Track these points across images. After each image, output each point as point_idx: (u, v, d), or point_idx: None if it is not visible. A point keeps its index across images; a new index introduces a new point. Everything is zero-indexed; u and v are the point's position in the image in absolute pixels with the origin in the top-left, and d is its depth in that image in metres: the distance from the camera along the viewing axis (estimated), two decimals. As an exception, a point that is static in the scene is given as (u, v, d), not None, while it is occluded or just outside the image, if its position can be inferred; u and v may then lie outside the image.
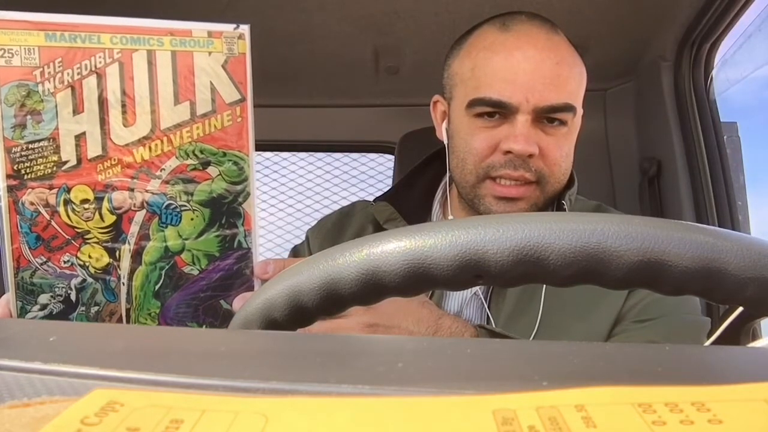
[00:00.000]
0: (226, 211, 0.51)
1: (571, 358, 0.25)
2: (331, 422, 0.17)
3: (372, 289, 0.35)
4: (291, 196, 1.93)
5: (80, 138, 0.49)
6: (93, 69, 0.48)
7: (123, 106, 0.49)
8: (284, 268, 0.47)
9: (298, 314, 0.37)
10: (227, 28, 0.50)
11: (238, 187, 0.51)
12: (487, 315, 0.79)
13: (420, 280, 0.35)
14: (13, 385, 0.21)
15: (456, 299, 0.82)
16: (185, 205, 0.51)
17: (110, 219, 0.50)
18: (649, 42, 1.33)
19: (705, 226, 0.34)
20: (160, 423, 0.16)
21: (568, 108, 0.76)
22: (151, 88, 0.49)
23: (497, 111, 0.76)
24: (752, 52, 1.29)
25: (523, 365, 0.24)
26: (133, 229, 0.50)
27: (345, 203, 1.01)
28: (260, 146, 1.81)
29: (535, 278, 0.34)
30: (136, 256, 0.51)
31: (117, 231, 0.50)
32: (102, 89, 0.49)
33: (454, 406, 0.17)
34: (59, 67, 0.48)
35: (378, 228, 0.87)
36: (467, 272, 0.34)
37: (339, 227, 0.93)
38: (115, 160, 0.49)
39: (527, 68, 0.74)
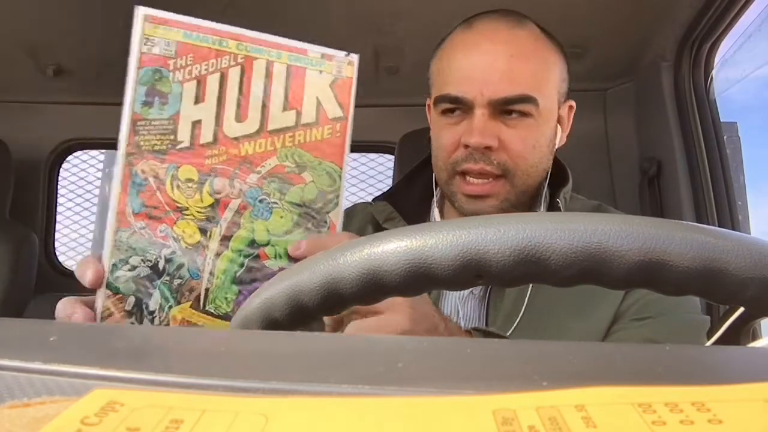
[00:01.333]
0: (314, 216, 0.56)
1: (571, 358, 0.25)
2: (331, 422, 0.17)
3: (373, 288, 0.35)
4: (291, 196, 1.92)
5: (196, 124, 0.54)
6: (218, 68, 0.54)
7: (238, 103, 0.54)
8: (317, 246, 0.49)
9: (298, 314, 0.37)
10: (339, 54, 0.57)
11: (329, 196, 0.56)
12: (486, 313, 0.79)
13: (421, 280, 0.35)
14: (13, 385, 0.21)
15: (453, 297, 0.82)
16: (277, 203, 0.55)
17: (209, 201, 0.54)
18: (649, 42, 1.33)
19: (706, 226, 0.34)
20: (160, 423, 0.16)
21: (525, 99, 0.76)
22: (266, 92, 0.54)
23: (457, 107, 0.78)
24: (752, 52, 1.29)
25: (523, 365, 0.24)
26: (227, 215, 0.54)
27: (345, 203, 1.01)
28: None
29: (536, 278, 0.34)
30: (225, 240, 0.54)
31: (213, 213, 0.54)
32: (223, 87, 0.54)
33: (454, 406, 0.17)
34: (190, 61, 0.53)
35: (378, 228, 0.87)
36: (468, 272, 0.34)
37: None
38: (223, 149, 0.54)
39: (482, 63, 0.76)
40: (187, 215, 0.53)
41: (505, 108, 0.76)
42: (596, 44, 1.33)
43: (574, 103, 0.85)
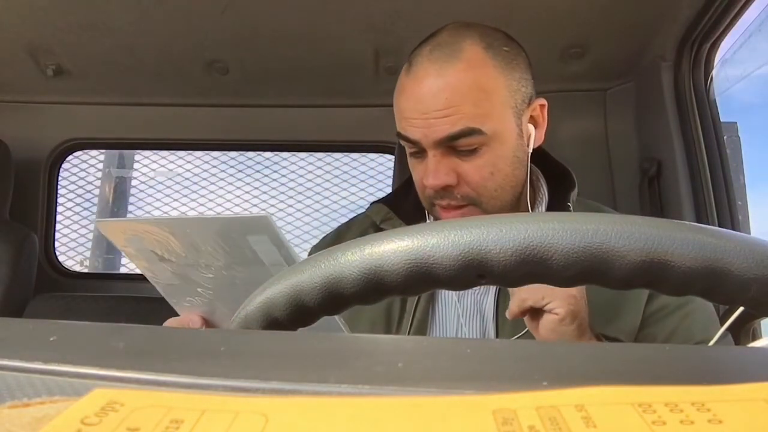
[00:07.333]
0: None
1: (571, 358, 0.25)
2: (331, 422, 0.17)
3: (374, 288, 0.35)
4: (291, 196, 1.93)
5: None
6: None
7: None
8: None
9: (299, 313, 0.37)
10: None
11: None
12: (496, 308, 0.80)
13: (422, 280, 0.35)
14: (13, 385, 0.21)
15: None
16: None
17: None
18: (649, 42, 1.33)
19: (708, 226, 0.34)
20: (160, 423, 0.16)
21: (468, 132, 0.77)
22: None
23: (414, 146, 0.81)
24: (752, 52, 1.29)
25: (523, 365, 0.24)
26: None
27: (345, 203, 1.01)
28: (261, 146, 1.81)
29: (538, 278, 0.34)
30: None
31: None
32: None
33: (454, 406, 0.17)
34: None
35: (377, 229, 0.88)
36: (470, 272, 0.34)
37: (340, 238, 0.95)
38: None
39: (420, 108, 0.78)
40: None
41: (452, 145, 0.78)
42: (596, 44, 1.33)
43: (545, 101, 0.85)
